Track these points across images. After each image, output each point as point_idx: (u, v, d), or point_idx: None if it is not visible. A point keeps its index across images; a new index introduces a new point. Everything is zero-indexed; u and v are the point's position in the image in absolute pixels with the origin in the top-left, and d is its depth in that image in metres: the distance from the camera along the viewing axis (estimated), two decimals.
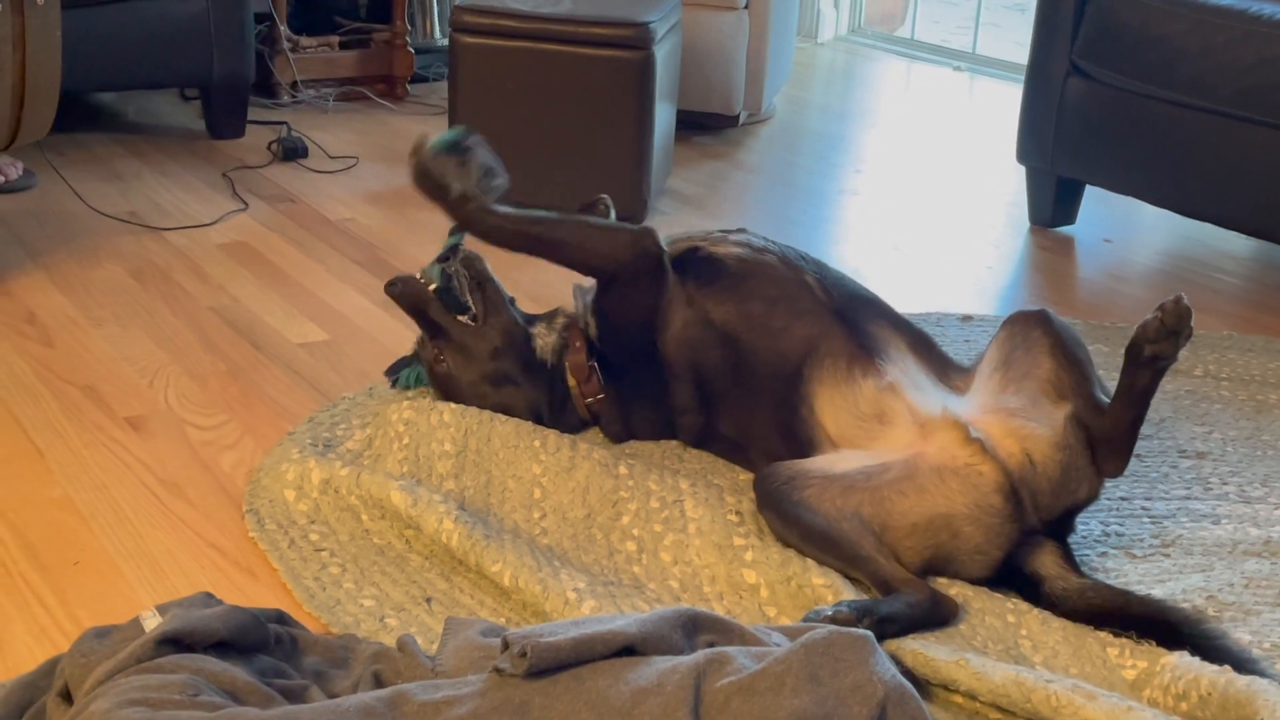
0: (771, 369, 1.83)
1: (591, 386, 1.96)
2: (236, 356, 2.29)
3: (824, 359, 1.80)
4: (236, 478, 1.89)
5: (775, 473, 1.70)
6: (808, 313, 1.84)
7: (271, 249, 2.82)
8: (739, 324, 1.86)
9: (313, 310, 2.50)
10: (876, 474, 1.67)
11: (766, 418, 1.84)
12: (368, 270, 2.72)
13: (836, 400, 1.77)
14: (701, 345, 1.88)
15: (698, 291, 1.89)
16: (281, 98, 3.99)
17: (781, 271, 1.89)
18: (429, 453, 1.87)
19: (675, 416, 1.95)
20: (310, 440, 1.95)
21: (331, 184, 3.30)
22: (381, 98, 4.10)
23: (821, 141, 3.93)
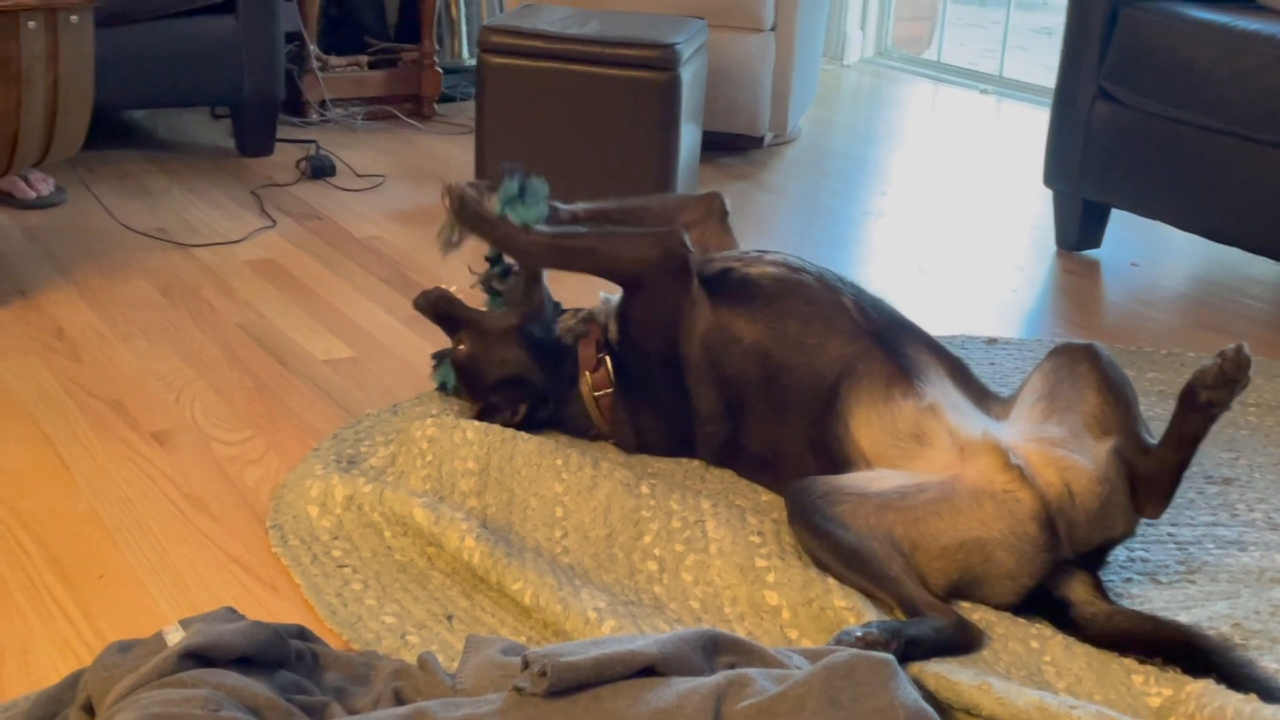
0: (806, 386, 1.83)
1: (600, 377, 1.98)
2: (262, 373, 2.30)
3: (861, 378, 1.79)
4: (260, 493, 1.89)
5: (810, 486, 1.69)
6: (845, 332, 1.84)
7: (298, 266, 2.84)
8: (772, 341, 1.86)
9: (338, 327, 2.51)
10: (912, 494, 1.66)
11: (798, 434, 1.84)
12: (393, 288, 2.73)
13: (874, 419, 1.77)
14: (729, 353, 1.89)
15: (730, 312, 1.90)
16: (310, 116, 4.02)
17: (818, 291, 1.89)
18: (452, 470, 1.87)
19: (696, 427, 1.95)
20: (334, 457, 1.96)
21: (359, 202, 3.31)
22: (409, 117, 4.12)
23: (847, 163, 3.92)
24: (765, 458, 1.90)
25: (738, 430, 1.92)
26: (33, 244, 2.89)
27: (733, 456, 1.95)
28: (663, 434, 1.99)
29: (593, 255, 1.96)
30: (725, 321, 1.90)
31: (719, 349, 1.90)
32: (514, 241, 1.98)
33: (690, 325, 1.91)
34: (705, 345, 1.90)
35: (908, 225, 3.37)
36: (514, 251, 1.99)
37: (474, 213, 1.99)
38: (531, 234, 1.97)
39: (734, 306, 1.90)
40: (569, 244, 1.97)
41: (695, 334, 1.91)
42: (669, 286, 1.91)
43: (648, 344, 1.95)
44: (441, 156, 3.80)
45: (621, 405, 1.98)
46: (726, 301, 1.91)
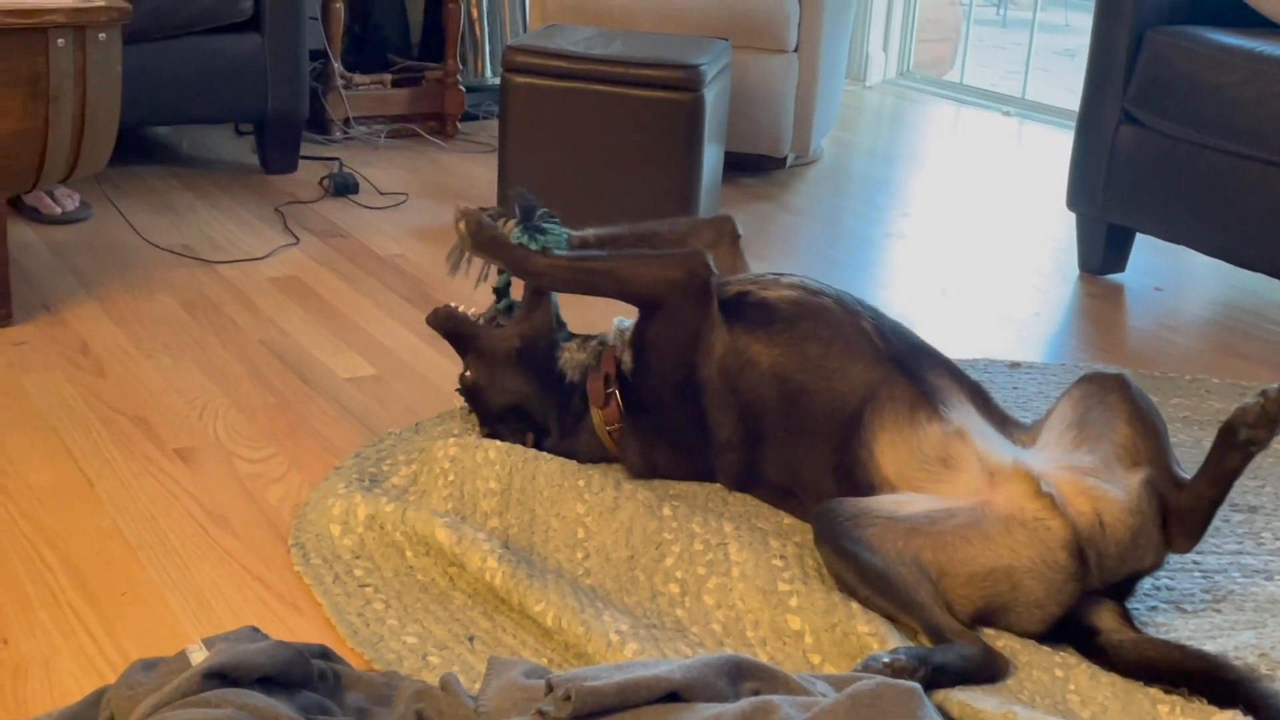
0: (827, 410, 1.83)
1: (610, 413, 1.97)
2: (285, 390, 2.31)
3: (884, 403, 1.79)
4: (283, 511, 1.90)
5: (838, 508, 1.68)
6: (866, 356, 1.83)
7: (321, 283, 2.85)
8: (791, 365, 1.85)
9: (361, 345, 2.52)
10: (942, 519, 1.65)
11: (820, 461, 1.83)
12: (415, 305, 2.73)
13: (898, 444, 1.77)
14: (747, 378, 1.88)
15: (747, 335, 1.89)
16: (334, 134, 4.03)
17: (838, 314, 1.89)
18: (474, 490, 1.87)
19: (713, 456, 1.94)
20: (356, 475, 1.96)
21: (381, 220, 3.32)
22: (432, 135, 4.14)
23: (869, 185, 3.92)
24: (786, 484, 1.90)
25: (757, 457, 1.92)
26: (58, 259, 2.91)
27: (753, 484, 1.95)
28: (678, 463, 1.98)
29: (612, 277, 1.95)
30: (743, 345, 1.89)
31: (737, 373, 1.89)
32: (530, 265, 1.96)
33: (708, 349, 1.91)
34: (723, 369, 1.90)
35: (930, 247, 3.36)
36: (530, 275, 1.97)
37: (489, 236, 1.98)
38: (548, 257, 1.97)
39: (751, 330, 1.90)
40: (587, 266, 1.96)
41: (713, 357, 1.90)
42: (690, 308, 1.91)
43: (665, 368, 1.94)
44: (464, 175, 3.81)
45: (633, 437, 1.98)
46: (744, 325, 1.90)
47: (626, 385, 1.98)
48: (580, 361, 2.02)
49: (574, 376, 2.02)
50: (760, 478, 1.93)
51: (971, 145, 4.54)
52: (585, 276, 1.96)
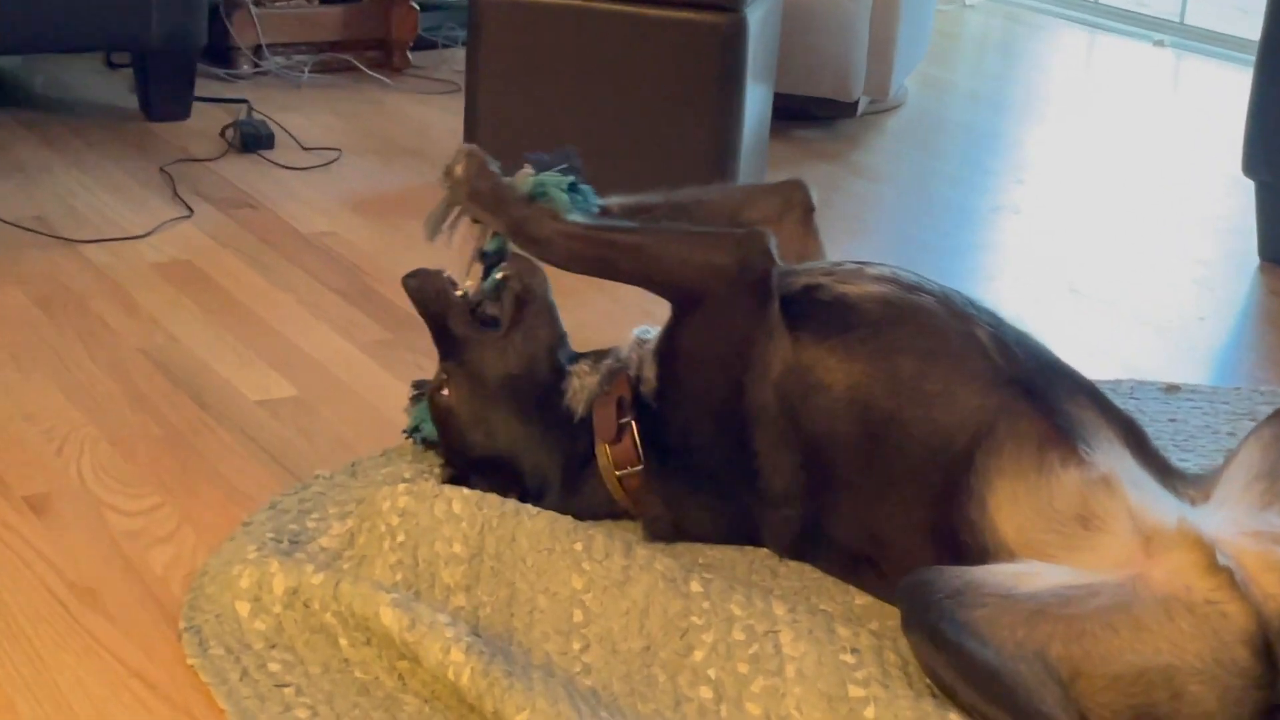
0: (925, 449, 1.83)
1: (624, 451, 1.97)
2: (174, 417, 2.31)
3: (1004, 440, 1.79)
4: (171, 583, 1.89)
5: (936, 581, 1.68)
6: (980, 377, 1.84)
7: (223, 271, 2.85)
8: (877, 388, 1.86)
9: (277, 356, 2.52)
10: (1077, 598, 1.65)
11: (912, 518, 1.83)
12: (351, 302, 2.74)
13: (1022, 496, 1.77)
14: (814, 404, 1.89)
15: (817, 346, 1.90)
16: (241, 68, 4.05)
17: (943, 320, 1.89)
18: (432, 555, 1.87)
19: (763, 511, 1.95)
20: (272, 534, 1.96)
21: (305, 185, 3.33)
22: (374, 69, 4.15)
23: (970, 139, 3.93)
24: (862, 550, 1.90)
25: (823, 513, 1.92)
26: None
27: (815, 548, 1.95)
28: (715, 521, 1.99)
29: (640, 255, 1.96)
30: (811, 360, 1.89)
31: (801, 398, 1.89)
32: (537, 229, 1.97)
33: (764, 364, 1.91)
34: (783, 393, 1.90)
35: (1054, 226, 3.36)
36: (534, 242, 1.98)
37: (492, 186, 1.99)
38: (561, 222, 1.97)
39: (823, 338, 1.90)
40: (610, 238, 1.97)
41: (770, 376, 1.91)
42: (741, 308, 1.91)
43: (701, 389, 1.95)
44: (417, 123, 3.82)
45: (655, 485, 1.98)
46: (813, 331, 1.91)
47: (647, 414, 1.98)
48: (592, 389, 2.03)
49: (584, 411, 2.02)
50: (826, 541, 1.93)
51: (1110, 86, 4.55)
52: (605, 252, 1.97)
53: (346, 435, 2.28)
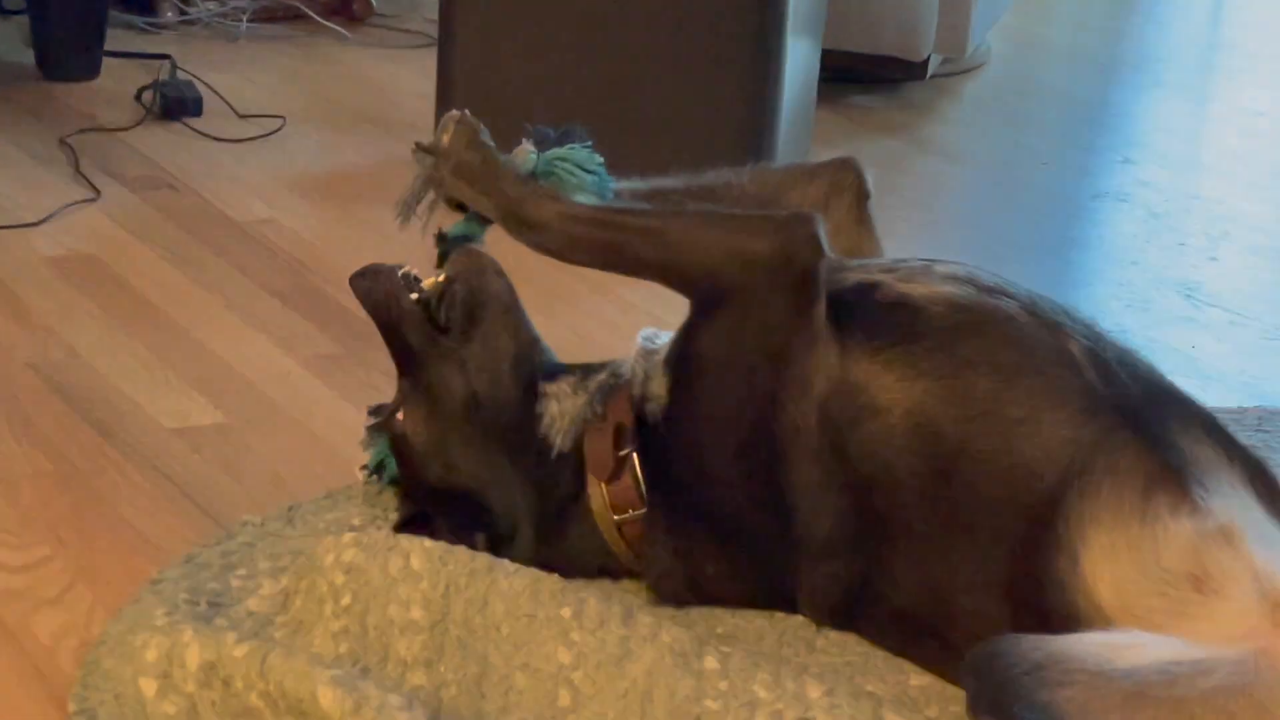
0: (1003, 488, 1.83)
1: (623, 491, 1.98)
2: (70, 449, 2.31)
3: (1102, 480, 1.79)
4: (60, 654, 1.89)
5: (1012, 652, 1.66)
6: (1073, 401, 1.84)
7: (135, 268, 2.85)
8: (945, 411, 1.86)
9: (200, 374, 2.52)
10: (1187, 677, 1.64)
11: (985, 571, 1.83)
12: (293, 307, 2.75)
13: (1122, 548, 1.76)
14: (866, 431, 1.89)
15: (871, 359, 1.90)
16: (164, 15, 4.05)
17: (1028, 330, 1.89)
18: (385, 622, 1.87)
19: (800, 564, 1.95)
20: (187, 595, 1.95)
21: (240, 161, 3.34)
22: (329, 18, 4.15)
23: (1065, 109, 3.93)
24: (922, 615, 1.89)
25: (874, 568, 1.91)
26: None
27: (863, 613, 1.94)
28: (738, 579, 1.99)
29: (657, 241, 1.96)
30: (863, 376, 1.89)
31: (850, 424, 1.89)
32: (535, 211, 1.98)
33: (804, 379, 1.91)
34: (826, 416, 1.90)
35: (1170, 216, 3.36)
36: (530, 226, 1.99)
37: (483, 159, 2.01)
38: (562, 203, 1.99)
39: (880, 349, 1.90)
40: (620, 220, 1.98)
41: (811, 395, 1.91)
42: (779, 308, 1.91)
43: (724, 411, 1.95)
44: (381, 85, 3.83)
45: (662, 532, 1.98)
46: (867, 340, 1.91)
47: (653, 442, 1.99)
48: (576, 415, 2.03)
49: (564, 443, 2.02)
50: (877, 603, 1.93)
51: (1242, 44, 4.53)
52: (614, 236, 1.98)
53: (283, 473, 2.28)
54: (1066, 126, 3.80)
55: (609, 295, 2.63)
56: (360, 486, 2.19)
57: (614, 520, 1.99)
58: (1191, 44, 4.54)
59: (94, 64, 3.67)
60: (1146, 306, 2.96)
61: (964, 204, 3.37)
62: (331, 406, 2.44)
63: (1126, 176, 3.55)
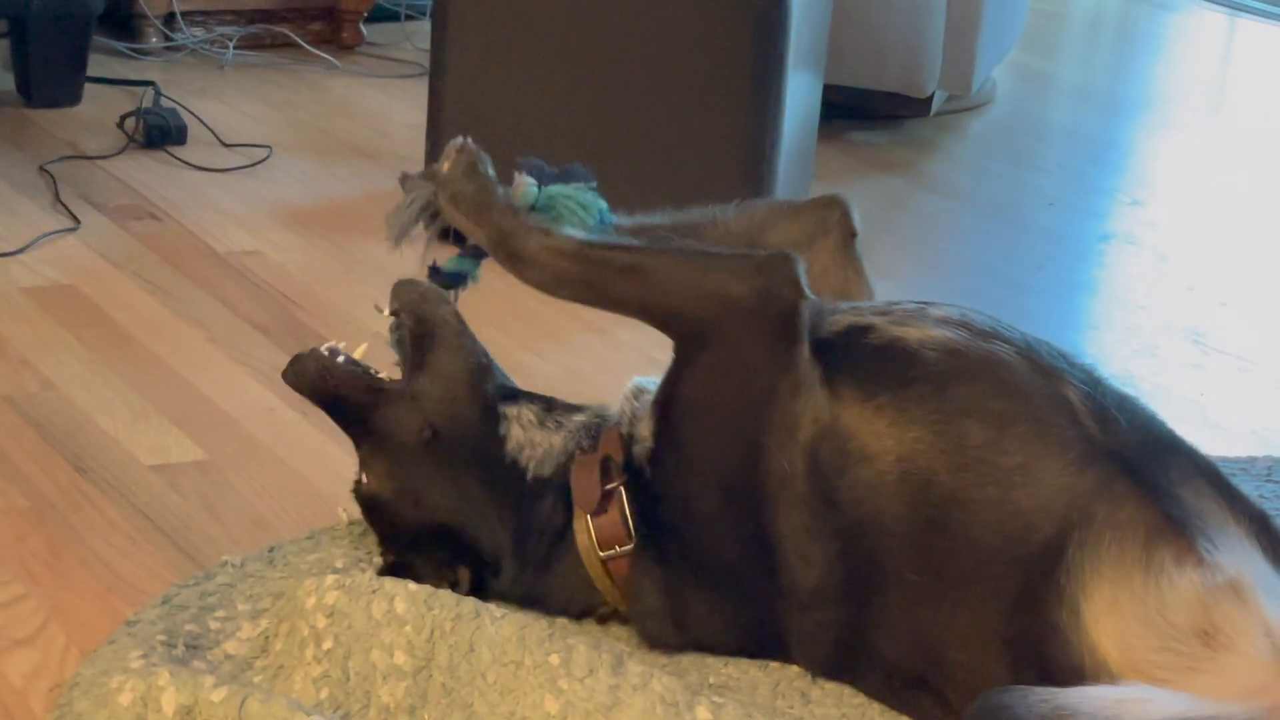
0: (998, 538, 1.82)
1: (610, 525, 1.98)
2: (44, 484, 2.30)
3: (1103, 531, 1.78)
4: (31, 697, 1.88)
5: (1016, 705, 1.65)
6: (1071, 449, 1.83)
7: (115, 300, 2.85)
8: (937, 459, 1.86)
9: (180, 409, 2.52)
10: None
11: (981, 624, 1.82)
12: (277, 341, 2.74)
13: (1125, 602, 1.75)
14: (855, 478, 1.89)
15: (861, 404, 1.90)
16: (148, 41, 4.06)
17: (1024, 376, 1.89)
18: (367, 667, 1.86)
19: (787, 614, 1.94)
20: (163, 636, 1.94)
21: (224, 191, 3.33)
22: (319, 46, 4.16)
23: (1072, 148, 3.93)
24: (916, 668, 1.88)
25: (866, 618, 1.90)
26: None
27: (856, 664, 1.93)
28: (727, 625, 1.98)
29: (637, 279, 1.98)
30: (853, 422, 1.89)
31: (838, 470, 1.89)
32: (522, 245, 2.00)
33: (789, 424, 1.91)
34: (813, 462, 1.90)
35: (1177, 260, 3.36)
36: (517, 259, 2.01)
37: (478, 189, 2.03)
38: (551, 236, 2.00)
39: (871, 395, 1.90)
40: (604, 256, 2.00)
41: (797, 440, 1.91)
42: (760, 350, 1.92)
43: (708, 454, 1.96)
44: (371, 115, 3.83)
45: (650, 570, 1.98)
46: (857, 385, 1.91)
47: (641, 483, 1.99)
48: (549, 446, 2.05)
49: (539, 469, 2.04)
50: (870, 655, 1.92)
51: (1254, 83, 4.54)
52: (597, 273, 2.00)
53: (263, 512, 2.27)
54: (1073, 166, 3.80)
55: (603, 335, 2.62)
56: (344, 527, 2.19)
57: (600, 556, 1.99)
58: (1201, 84, 4.55)
59: (76, 90, 3.67)
60: (1154, 352, 2.95)
61: (967, 244, 3.37)
62: (315, 445, 2.43)
63: (1134, 218, 3.55)
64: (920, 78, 3.78)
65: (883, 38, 3.74)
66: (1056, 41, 4.71)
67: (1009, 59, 4.35)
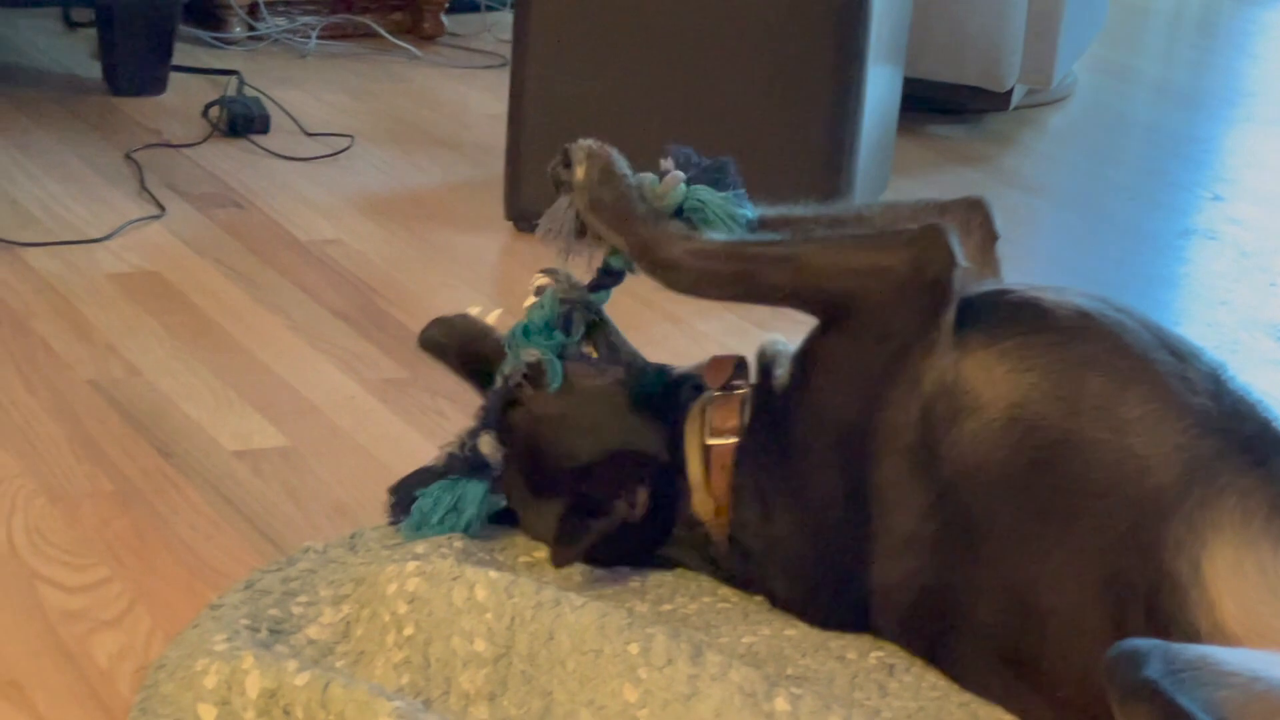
0: (1109, 476, 1.83)
1: (726, 410, 2.05)
2: (130, 469, 2.32)
3: (1227, 491, 1.78)
4: (118, 678, 1.90)
5: (1161, 650, 1.63)
6: (1189, 415, 1.84)
7: (199, 287, 2.87)
8: (1050, 405, 1.88)
9: (263, 396, 2.54)
10: None
11: (1078, 563, 1.82)
12: (358, 329, 2.76)
13: (1250, 566, 1.74)
14: (961, 432, 1.91)
15: (986, 348, 1.92)
16: (232, 31, 4.07)
17: (1152, 346, 1.90)
18: (448, 653, 1.87)
19: (878, 561, 1.95)
20: (247, 620, 1.95)
21: (307, 180, 3.35)
22: (400, 36, 4.16)
23: (1152, 142, 3.90)
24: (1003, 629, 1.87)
25: (954, 576, 1.91)
26: None
27: (941, 632, 1.93)
28: (812, 563, 2.00)
29: (789, 266, 2.01)
30: (973, 370, 1.92)
31: (947, 422, 1.91)
32: (665, 253, 2.04)
33: (914, 379, 1.94)
34: (927, 414, 1.92)
35: (1260, 256, 3.34)
36: (663, 267, 2.05)
37: (618, 196, 2.07)
38: (694, 241, 2.04)
39: (996, 341, 1.92)
40: (752, 252, 2.03)
41: (918, 393, 1.93)
42: (907, 312, 1.94)
43: (833, 400, 1.99)
44: (451, 105, 3.83)
45: (752, 472, 2.02)
46: (986, 331, 1.94)
47: (767, 411, 2.04)
48: None
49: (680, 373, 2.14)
50: (955, 619, 1.92)
51: None
52: (747, 267, 2.03)
53: (345, 498, 2.28)
54: (1154, 160, 3.78)
55: (680, 325, 2.63)
56: None
57: (705, 442, 2.04)
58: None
59: (161, 79, 3.70)
60: (1235, 348, 2.93)
61: (1046, 239, 3.36)
62: (396, 432, 2.44)
63: (1216, 213, 3.52)
64: (1000, 71, 3.76)
65: (963, 31, 3.72)
66: (1138, 35, 4.68)
67: (1090, 53, 4.32)
